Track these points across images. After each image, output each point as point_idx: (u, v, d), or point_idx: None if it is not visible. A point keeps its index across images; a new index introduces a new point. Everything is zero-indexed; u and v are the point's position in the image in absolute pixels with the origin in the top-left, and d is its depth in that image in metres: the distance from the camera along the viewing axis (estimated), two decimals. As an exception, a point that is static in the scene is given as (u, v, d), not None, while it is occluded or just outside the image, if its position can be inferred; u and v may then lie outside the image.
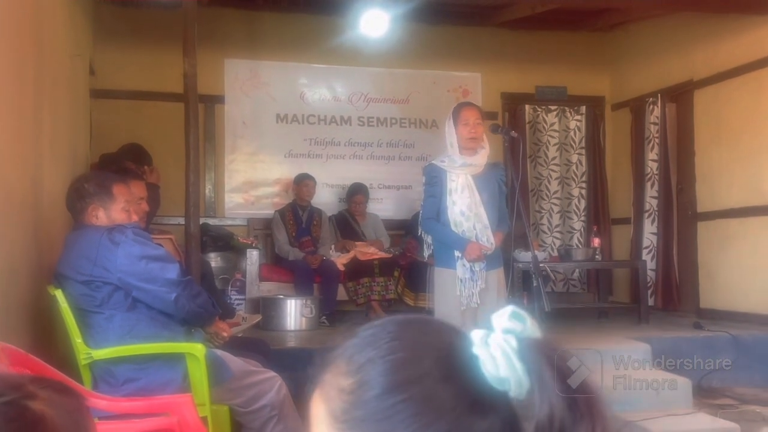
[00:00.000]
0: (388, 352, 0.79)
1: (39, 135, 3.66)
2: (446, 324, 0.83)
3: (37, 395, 0.88)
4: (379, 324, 0.84)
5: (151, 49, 7.27)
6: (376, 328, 0.83)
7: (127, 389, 2.85)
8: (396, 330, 0.81)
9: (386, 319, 0.85)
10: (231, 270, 6.90)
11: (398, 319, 0.84)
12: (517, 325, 0.78)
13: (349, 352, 0.82)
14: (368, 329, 0.84)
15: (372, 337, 0.82)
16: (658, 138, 7.60)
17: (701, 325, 6.25)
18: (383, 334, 0.81)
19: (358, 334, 0.83)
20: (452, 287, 4.10)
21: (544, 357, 0.76)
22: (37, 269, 3.36)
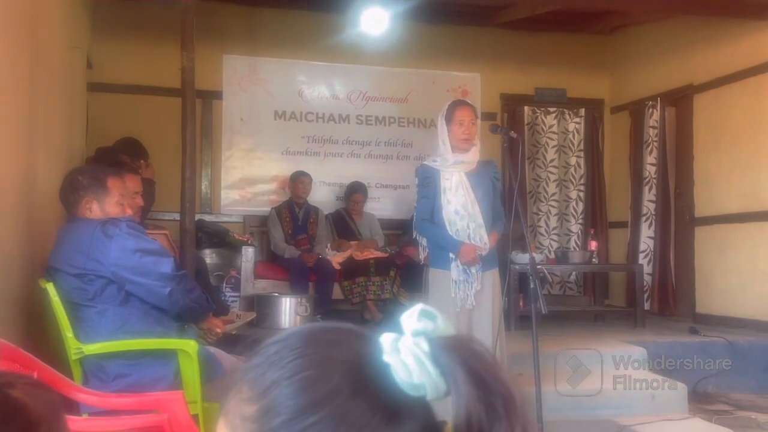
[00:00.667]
0: (294, 371, 0.73)
1: (33, 127, 3.63)
2: (354, 331, 0.77)
3: (16, 384, 0.88)
4: (282, 339, 0.77)
5: (150, 44, 7.23)
6: (279, 344, 0.76)
7: (118, 385, 2.82)
8: (300, 345, 0.75)
9: (290, 333, 0.78)
10: (226, 267, 6.87)
11: (303, 333, 0.77)
12: (428, 325, 0.74)
13: (252, 375, 0.75)
14: (271, 346, 0.76)
15: (275, 356, 0.75)
16: (657, 142, 7.58)
17: (697, 330, 6.23)
18: (287, 352, 0.75)
19: (260, 353, 0.76)
20: (447, 289, 4.06)
21: (458, 357, 0.72)
22: (30, 262, 3.33)
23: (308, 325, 0.79)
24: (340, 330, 0.78)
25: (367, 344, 0.75)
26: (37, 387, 0.92)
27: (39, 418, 0.86)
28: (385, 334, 0.74)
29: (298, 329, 0.78)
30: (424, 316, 0.74)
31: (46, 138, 3.97)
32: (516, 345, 4.79)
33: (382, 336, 0.74)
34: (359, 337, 0.77)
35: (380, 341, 0.74)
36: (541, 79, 8.38)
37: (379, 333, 0.75)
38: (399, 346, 0.72)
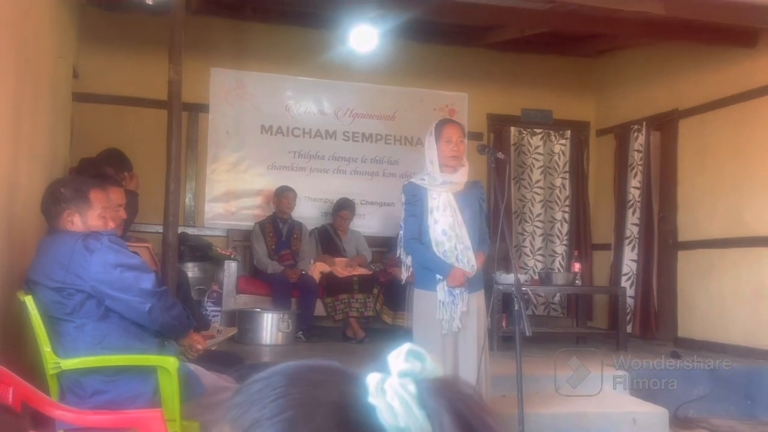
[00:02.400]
0: (275, 411, 0.71)
1: (17, 136, 3.58)
2: (339, 371, 0.75)
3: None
4: (265, 378, 0.75)
5: (137, 55, 7.20)
6: (262, 382, 0.75)
7: (96, 401, 2.76)
8: (283, 384, 0.73)
9: (273, 371, 0.76)
10: (208, 281, 6.82)
11: (286, 371, 0.75)
12: (415, 366, 0.71)
13: (234, 413, 0.73)
14: (254, 384, 0.75)
15: (257, 394, 0.73)
16: (642, 165, 7.62)
17: (679, 354, 6.23)
18: (269, 391, 0.73)
19: (242, 391, 0.75)
20: (432, 311, 3.99)
21: (445, 401, 0.69)
22: (9, 274, 3.27)
23: (292, 363, 0.76)
24: (324, 369, 0.76)
25: (352, 385, 0.72)
26: (3, 413, 0.88)
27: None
28: (370, 374, 0.71)
29: (282, 367, 0.75)
30: (412, 356, 0.71)
31: (30, 147, 3.93)
32: (499, 366, 4.77)
33: (368, 376, 0.71)
34: (344, 377, 0.74)
35: (365, 382, 0.71)
36: (528, 101, 8.42)
37: (364, 373, 0.73)
38: (385, 388, 0.69)
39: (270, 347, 6.18)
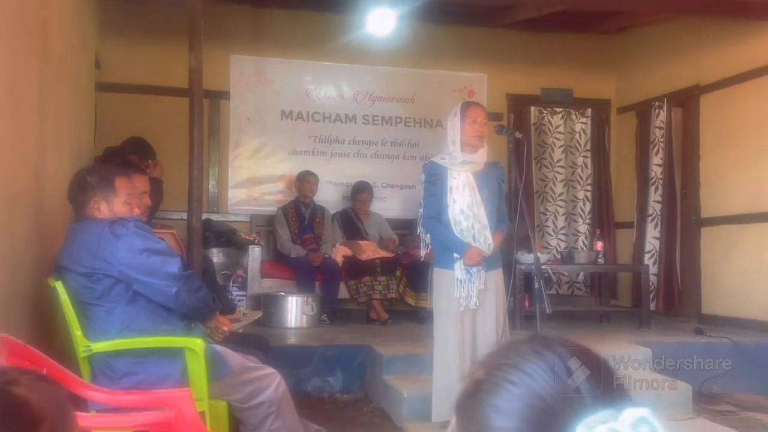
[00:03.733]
0: (516, 381, 0.81)
1: (43, 127, 3.66)
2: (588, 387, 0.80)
3: (20, 381, 0.89)
4: (540, 350, 0.84)
5: (157, 44, 7.27)
6: (533, 353, 0.84)
7: (126, 383, 2.85)
8: (542, 368, 0.81)
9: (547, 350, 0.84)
10: (233, 266, 6.91)
11: (552, 357, 0.83)
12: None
13: (502, 352, 0.85)
14: (531, 345, 0.85)
15: (522, 355, 0.83)
16: (663, 142, 7.59)
17: (702, 330, 6.23)
18: (527, 362, 0.82)
19: (526, 342, 0.85)
20: (450, 288, 4.06)
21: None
22: (39, 261, 3.36)
23: (561, 356, 0.83)
24: (578, 379, 0.81)
25: (579, 406, 0.78)
26: (43, 382, 0.93)
27: (42, 415, 0.87)
28: (604, 412, 0.75)
29: (555, 353, 0.83)
30: (644, 423, 0.74)
31: (56, 138, 4.01)
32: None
33: (601, 412, 0.75)
34: (586, 395, 0.79)
35: (592, 413, 0.75)
36: (548, 80, 8.39)
37: (605, 404, 0.77)
38: (596, 428, 0.74)
39: (295, 330, 6.26)
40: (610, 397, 0.79)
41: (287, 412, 3.13)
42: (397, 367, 5.00)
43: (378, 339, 5.64)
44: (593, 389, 0.79)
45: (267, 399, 3.06)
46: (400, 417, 4.51)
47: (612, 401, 0.78)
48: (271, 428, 3.07)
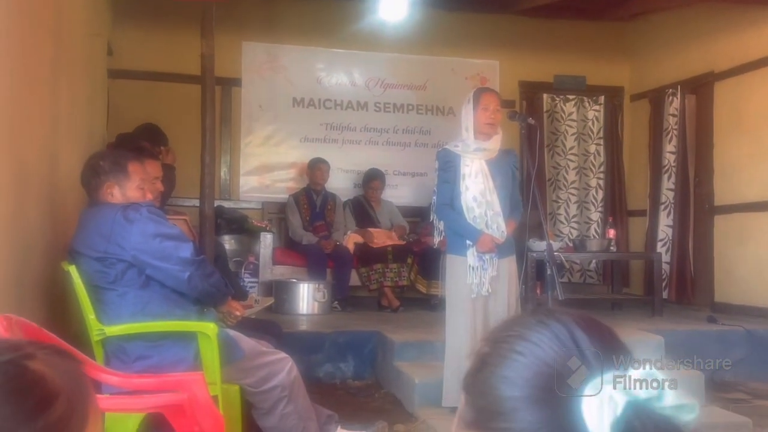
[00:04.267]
0: (522, 350, 0.81)
1: (56, 114, 3.67)
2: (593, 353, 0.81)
3: (36, 356, 0.88)
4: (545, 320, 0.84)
5: (169, 31, 7.27)
6: (538, 323, 0.84)
7: (139, 366, 2.86)
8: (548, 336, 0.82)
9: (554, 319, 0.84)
10: (244, 253, 6.92)
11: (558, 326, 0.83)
12: (646, 391, 0.75)
13: (505, 325, 0.86)
14: (536, 317, 0.85)
15: (527, 326, 0.84)
16: (677, 130, 7.54)
17: (715, 318, 6.21)
18: (533, 332, 0.82)
19: (530, 314, 0.86)
20: (463, 275, 4.07)
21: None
22: (52, 246, 3.38)
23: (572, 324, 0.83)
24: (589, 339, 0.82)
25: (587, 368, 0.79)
26: (60, 357, 0.92)
27: (58, 390, 0.86)
28: (612, 373, 0.77)
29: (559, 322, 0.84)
30: (651, 379, 0.76)
31: (69, 124, 4.02)
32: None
33: (608, 373, 0.77)
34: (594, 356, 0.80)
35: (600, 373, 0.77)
36: (561, 67, 8.34)
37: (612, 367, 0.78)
38: (601, 390, 0.75)
39: (306, 317, 6.27)
40: (615, 360, 0.80)
41: (299, 397, 3.14)
42: (408, 353, 5.00)
43: (389, 326, 5.65)
44: (598, 353, 0.80)
45: (279, 383, 3.07)
46: (411, 403, 4.52)
47: (618, 364, 0.79)
48: (283, 412, 3.08)
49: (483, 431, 0.81)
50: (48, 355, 0.90)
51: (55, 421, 0.85)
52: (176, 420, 2.36)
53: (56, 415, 0.85)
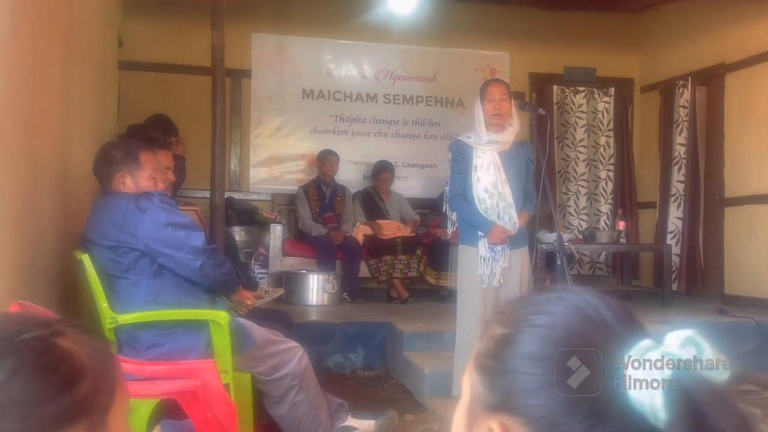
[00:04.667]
0: (546, 323, 0.80)
1: (67, 105, 3.68)
2: (619, 321, 0.79)
3: (65, 333, 0.89)
4: (556, 293, 0.84)
5: (179, 22, 7.28)
6: (552, 295, 0.83)
7: (151, 354, 2.88)
8: (566, 307, 0.81)
9: (567, 291, 0.84)
10: (254, 244, 6.95)
11: (575, 297, 0.82)
12: (688, 353, 0.74)
13: (516, 305, 0.84)
14: (546, 293, 0.84)
15: (542, 301, 0.82)
16: (687, 122, 7.51)
17: (725, 310, 6.19)
18: (552, 306, 0.81)
19: (536, 292, 0.85)
20: (474, 265, 4.08)
21: (693, 401, 0.71)
22: (64, 236, 3.40)
23: (588, 296, 0.82)
24: (609, 310, 0.80)
25: (621, 338, 0.77)
26: (88, 334, 0.94)
27: (85, 368, 0.88)
28: (646, 339, 0.75)
29: (578, 294, 0.82)
30: (691, 343, 0.74)
31: (80, 114, 4.03)
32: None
33: (643, 340, 0.75)
34: (621, 326, 0.79)
35: (635, 342, 0.75)
36: (571, 58, 8.32)
37: (642, 334, 0.77)
38: (645, 357, 0.73)
39: (316, 308, 6.29)
40: (639, 329, 0.79)
41: (310, 385, 3.16)
42: (417, 343, 5.02)
43: (399, 316, 5.66)
44: (623, 322, 0.79)
45: (290, 372, 3.08)
46: (421, 393, 4.53)
47: (642, 332, 0.78)
48: (294, 400, 3.10)
49: (511, 412, 0.78)
50: (77, 334, 0.91)
51: (82, 398, 0.86)
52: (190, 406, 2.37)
53: (83, 392, 0.86)
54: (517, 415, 0.78)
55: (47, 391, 0.83)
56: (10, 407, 0.81)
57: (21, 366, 0.83)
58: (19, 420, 0.81)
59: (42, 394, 0.83)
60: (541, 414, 0.76)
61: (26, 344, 0.85)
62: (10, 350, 0.84)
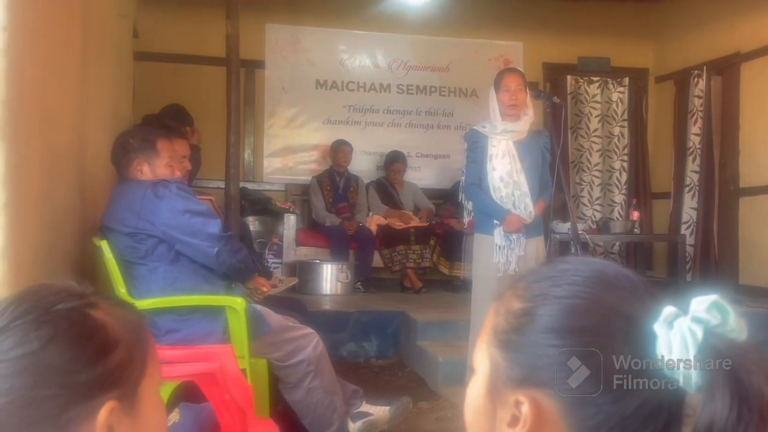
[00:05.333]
0: (567, 294, 0.79)
1: (85, 95, 3.71)
2: (641, 287, 0.79)
3: (99, 305, 0.92)
4: (574, 263, 0.82)
5: (194, 13, 7.31)
6: (570, 266, 0.82)
7: (169, 339, 2.91)
8: (586, 276, 0.80)
9: (583, 262, 0.82)
10: (268, 234, 6.98)
11: (594, 267, 0.81)
12: (714, 318, 0.74)
13: (532, 278, 0.83)
14: (563, 264, 0.82)
15: (561, 273, 0.81)
16: (702, 111, 7.48)
17: (740, 300, 6.17)
18: (571, 275, 0.80)
19: (551, 265, 0.83)
20: (489, 254, 4.09)
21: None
22: (82, 221, 3.43)
23: (604, 263, 0.82)
24: (628, 278, 0.80)
25: (646, 305, 0.77)
26: (122, 308, 0.97)
27: (118, 338, 0.90)
28: (668, 306, 0.75)
29: (594, 262, 0.82)
30: (716, 308, 0.75)
31: (97, 104, 4.06)
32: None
33: (666, 307, 0.75)
34: (643, 294, 0.79)
35: (660, 310, 0.75)
36: (585, 48, 8.29)
37: (662, 301, 0.77)
38: (674, 323, 0.74)
39: (330, 297, 6.32)
40: (660, 297, 0.79)
41: (325, 372, 3.19)
42: (431, 333, 5.04)
43: (412, 306, 5.69)
44: (646, 289, 0.79)
45: (306, 358, 3.11)
46: (435, 381, 4.56)
47: (663, 300, 0.78)
48: (309, 386, 3.13)
49: (539, 386, 0.78)
50: (110, 306, 0.94)
51: (114, 368, 0.88)
52: (208, 388, 2.41)
53: (115, 362, 0.89)
54: (545, 388, 0.78)
55: (81, 360, 0.86)
56: (45, 375, 0.84)
57: (56, 335, 0.86)
58: (54, 387, 0.84)
59: (76, 363, 0.86)
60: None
61: (61, 314, 0.88)
62: (45, 320, 0.86)
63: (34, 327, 0.85)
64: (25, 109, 2.46)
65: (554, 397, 0.77)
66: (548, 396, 0.78)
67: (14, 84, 2.10)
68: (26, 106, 2.49)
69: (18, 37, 2.11)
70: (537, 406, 0.78)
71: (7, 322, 0.86)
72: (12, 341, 0.84)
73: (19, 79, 2.15)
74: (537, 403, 0.78)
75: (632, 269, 3.31)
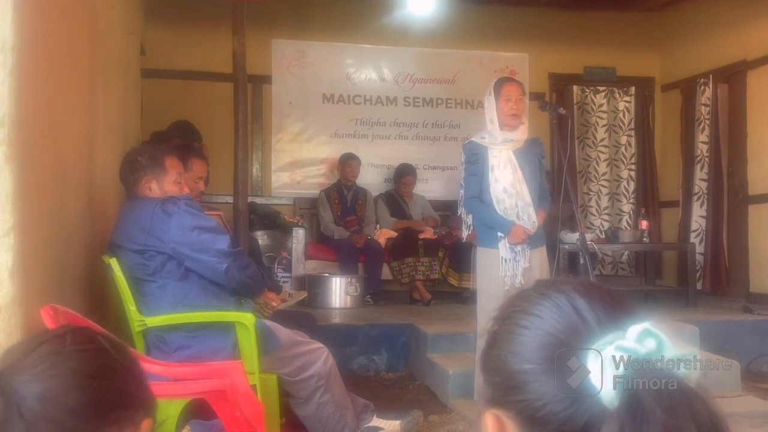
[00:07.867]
0: (527, 325, 0.84)
1: (93, 113, 3.73)
2: (593, 321, 0.81)
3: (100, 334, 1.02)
4: (544, 290, 0.86)
5: (201, 29, 7.36)
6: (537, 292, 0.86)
7: (179, 356, 2.92)
8: (546, 306, 0.84)
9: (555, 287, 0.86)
10: (277, 248, 6.99)
11: (558, 296, 0.84)
12: (644, 347, 0.76)
13: (511, 302, 0.88)
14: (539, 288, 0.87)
15: (531, 301, 0.86)
16: (709, 119, 7.46)
17: (751, 308, 6.14)
18: (536, 306, 0.84)
19: (532, 290, 0.88)
20: (495, 267, 4.04)
21: (640, 397, 0.74)
22: (91, 240, 3.44)
23: (569, 296, 0.84)
24: (585, 314, 0.83)
25: (591, 337, 0.79)
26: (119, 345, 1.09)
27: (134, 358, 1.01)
28: (610, 335, 0.78)
29: (563, 294, 0.85)
30: (648, 336, 0.77)
31: (105, 121, 4.08)
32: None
33: (607, 337, 0.78)
34: (596, 325, 0.81)
35: (602, 339, 0.78)
36: (590, 58, 8.30)
37: (613, 330, 0.79)
38: (603, 353, 0.76)
39: (339, 310, 6.32)
40: (617, 321, 0.80)
41: (335, 386, 3.18)
42: (441, 345, 5.03)
43: (422, 318, 5.68)
44: (599, 316, 0.81)
45: (316, 373, 3.11)
46: (445, 394, 4.54)
47: (619, 324, 0.80)
48: (320, 401, 3.12)
49: (502, 406, 0.83)
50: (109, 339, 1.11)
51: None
52: (219, 405, 2.41)
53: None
54: (505, 409, 0.83)
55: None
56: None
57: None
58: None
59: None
60: (524, 408, 0.81)
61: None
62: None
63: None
64: (33, 128, 2.48)
65: (513, 418, 0.82)
66: (509, 417, 0.83)
67: (23, 103, 2.11)
68: (35, 126, 2.50)
69: (26, 57, 2.12)
70: (501, 425, 0.84)
71: None
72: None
73: (27, 98, 2.17)
74: (500, 421, 0.84)
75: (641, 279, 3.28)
